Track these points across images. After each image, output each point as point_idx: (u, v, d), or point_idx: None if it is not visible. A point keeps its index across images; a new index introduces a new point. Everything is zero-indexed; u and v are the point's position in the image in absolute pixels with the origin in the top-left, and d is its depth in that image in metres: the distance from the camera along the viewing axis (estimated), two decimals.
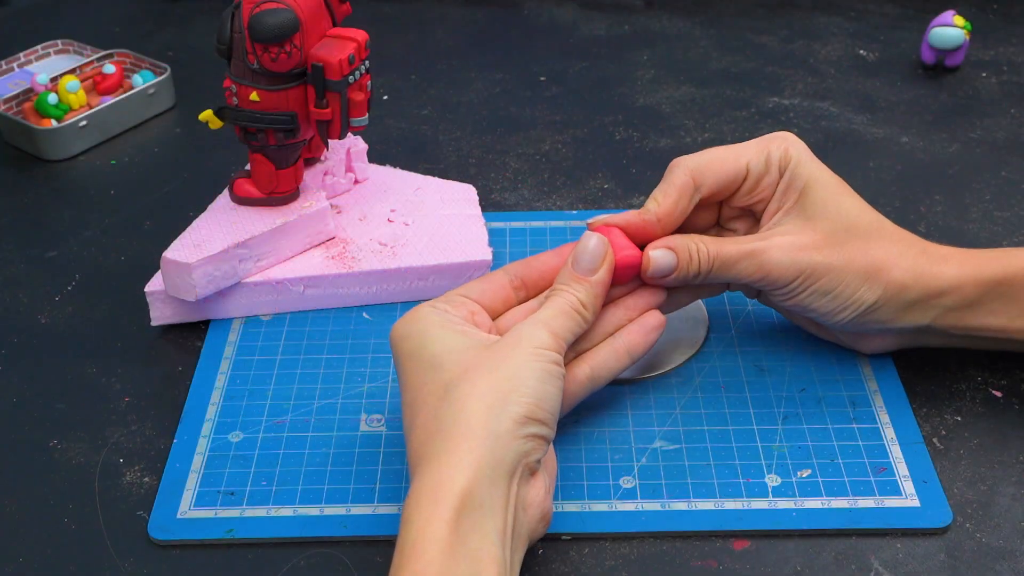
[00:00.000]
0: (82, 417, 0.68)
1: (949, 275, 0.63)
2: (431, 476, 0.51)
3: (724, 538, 0.60)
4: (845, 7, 1.11)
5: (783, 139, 0.64)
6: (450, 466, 0.51)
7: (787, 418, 0.66)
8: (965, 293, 0.63)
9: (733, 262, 0.63)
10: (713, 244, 0.63)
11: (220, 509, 0.61)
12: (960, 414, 0.66)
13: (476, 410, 0.53)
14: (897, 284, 0.62)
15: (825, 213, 0.63)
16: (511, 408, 0.53)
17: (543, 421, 0.54)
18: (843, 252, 0.62)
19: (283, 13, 0.67)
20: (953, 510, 0.61)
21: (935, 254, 0.64)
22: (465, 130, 0.93)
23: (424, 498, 0.51)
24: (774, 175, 0.64)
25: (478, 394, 0.54)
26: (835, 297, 0.63)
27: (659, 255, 0.63)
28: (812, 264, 0.62)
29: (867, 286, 0.62)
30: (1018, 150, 0.90)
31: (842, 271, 0.62)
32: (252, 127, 0.71)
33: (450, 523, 0.50)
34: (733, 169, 0.64)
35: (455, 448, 0.52)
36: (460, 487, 0.51)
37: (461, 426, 0.53)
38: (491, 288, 0.62)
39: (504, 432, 0.53)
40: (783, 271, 0.62)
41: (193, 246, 0.71)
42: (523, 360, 0.55)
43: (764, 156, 0.64)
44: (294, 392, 0.68)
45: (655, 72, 1.01)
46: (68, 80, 0.92)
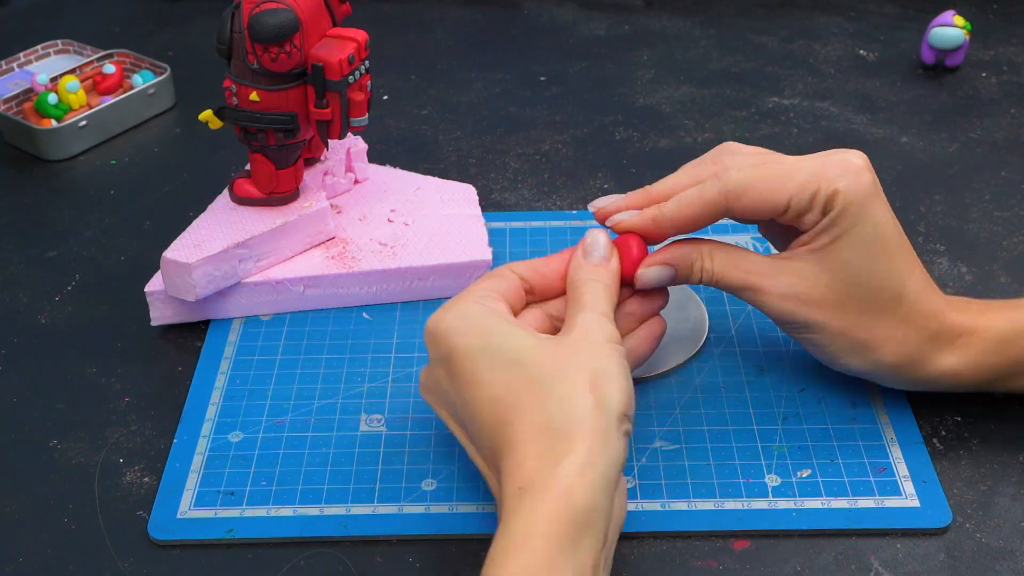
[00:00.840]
0: (82, 417, 0.68)
1: (948, 364, 0.61)
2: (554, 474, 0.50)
3: (724, 538, 0.60)
4: (845, 7, 1.11)
5: (841, 172, 0.59)
6: (575, 466, 0.50)
7: (787, 418, 0.66)
8: (963, 380, 0.62)
9: (733, 288, 0.61)
10: (720, 263, 0.61)
11: (220, 509, 0.61)
12: (960, 414, 0.66)
13: (587, 407, 0.52)
14: (888, 366, 0.61)
15: (847, 273, 0.59)
16: (611, 405, 0.52)
17: (631, 416, 0.54)
18: (844, 320, 0.60)
19: (283, 13, 0.67)
20: (953, 510, 0.61)
21: (944, 336, 0.61)
22: (465, 130, 0.93)
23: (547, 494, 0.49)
24: (816, 215, 0.59)
25: (582, 391, 0.53)
26: (821, 352, 0.62)
27: (651, 274, 0.61)
28: (808, 319, 0.60)
29: (857, 358, 0.61)
30: (1018, 150, 0.90)
31: (835, 337, 0.61)
32: (252, 127, 0.71)
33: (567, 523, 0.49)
34: (772, 201, 0.59)
35: (576, 448, 0.51)
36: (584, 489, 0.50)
37: (578, 424, 0.51)
38: (512, 288, 0.60)
39: (611, 429, 0.52)
40: (778, 315, 0.61)
41: (193, 246, 0.71)
42: (606, 354, 0.55)
43: (810, 195, 0.58)
44: (294, 392, 0.68)
45: (655, 72, 1.01)
46: (68, 80, 0.92)
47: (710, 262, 0.61)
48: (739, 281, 0.61)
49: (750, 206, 0.60)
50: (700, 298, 0.73)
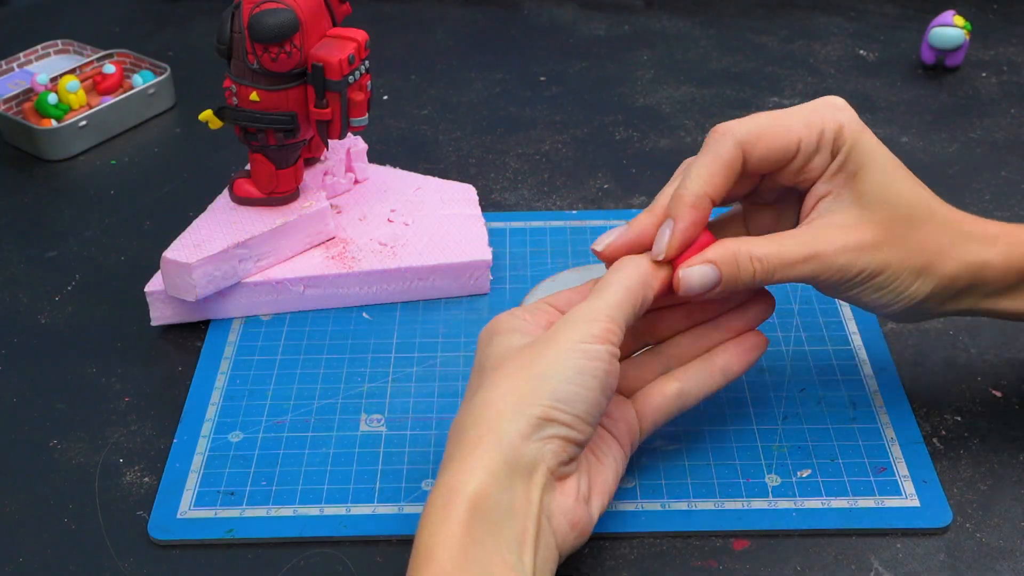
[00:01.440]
0: (82, 417, 0.68)
1: (996, 261, 0.59)
2: (445, 479, 0.51)
3: (724, 538, 0.60)
4: (845, 7, 1.11)
5: (835, 110, 0.58)
6: (463, 470, 0.50)
7: (787, 418, 0.66)
8: (1009, 279, 0.60)
9: (792, 265, 0.56)
10: (763, 246, 0.56)
11: (220, 509, 0.61)
12: (960, 414, 0.66)
13: (493, 411, 0.52)
14: (949, 276, 0.59)
15: (880, 201, 0.57)
16: (528, 409, 0.51)
17: (565, 423, 0.52)
18: (901, 248, 0.58)
19: (283, 13, 0.67)
20: (953, 510, 0.61)
21: (983, 236, 0.60)
22: (465, 130, 0.93)
23: (438, 501, 0.50)
24: (825, 156, 0.57)
25: (499, 396, 0.52)
26: (888, 292, 0.59)
27: (695, 274, 0.56)
28: (872, 264, 0.57)
29: (921, 281, 0.58)
30: (1018, 150, 0.90)
31: (899, 268, 0.58)
32: (252, 127, 0.71)
33: (462, 526, 0.49)
34: (783, 146, 0.57)
35: (470, 452, 0.51)
36: (472, 490, 0.49)
37: (479, 428, 0.51)
38: (579, 296, 0.58)
39: (517, 433, 0.51)
40: (843, 274, 0.57)
41: (193, 246, 0.71)
42: (555, 358, 0.52)
43: (816, 134, 0.57)
44: (294, 392, 0.68)
45: (655, 72, 1.01)
46: (68, 80, 0.92)
47: (754, 247, 0.56)
48: (797, 255, 0.56)
49: (765, 153, 0.57)
50: None
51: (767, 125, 0.57)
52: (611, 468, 0.57)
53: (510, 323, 0.56)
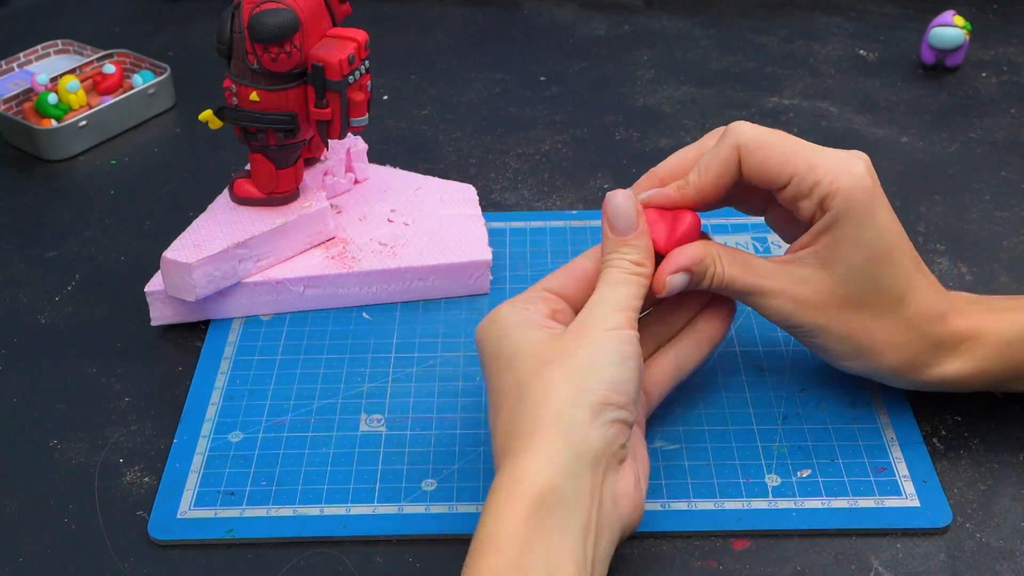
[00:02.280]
0: (82, 417, 0.68)
1: (952, 370, 0.61)
2: (509, 471, 0.51)
3: (724, 538, 0.60)
4: (845, 7, 1.11)
5: (839, 173, 0.58)
6: (528, 460, 0.51)
7: (787, 418, 0.66)
8: (966, 383, 0.62)
9: (740, 293, 0.60)
10: (729, 266, 0.60)
11: (220, 509, 0.61)
12: (960, 414, 0.66)
13: (551, 403, 0.52)
14: (889, 368, 0.61)
15: (849, 278, 0.59)
16: (587, 396, 0.52)
17: (622, 405, 0.53)
18: (846, 324, 0.60)
19: (283, 13, 0.67)
20: (953, 510, 0.61)
21: (947, 343, 0.61)
22: (465, 130, 0.93)
23: (502, 492, 0.50)
24: (813, 205, 0.58)
25: (552, 387, 0.53)
26: (826, 354, 0.62)
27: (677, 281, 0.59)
28: (811, 323, 0.60)
29: (859, 362, 0.61)
30: (1018, 150, 0.90)
31: (838, 341, 0.60)
32: (252, 127, 0.71)
33: (527, 518, 0.49)
34: (776, 172, 0.58)
35: (532, 443, 0.51)
36: (539, 481, 0.50)
37: (538, 420, 0.52)
38: (572, 279, 0.60)
39: (582, 422, 0.52)
40: (782, 319, 0.60)
41: (193, 246, 0.71)
42: (594, 345, 0.54)
43: (810, 183, 0.58)
44: (294, 392, 0.68)
45: (655, 72, 1.01)
46: (68, 80, 0.92)
47: (720, 267, 0.60)
48: (746, 285, 0.60)
49: (758, 165, 0.58)
50: None
51: (772, 142, 0.59)
52: (644, 448, 0.59)
53: (518, 316, 0.57)
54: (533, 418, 0.52)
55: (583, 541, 0.50)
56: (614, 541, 0.54)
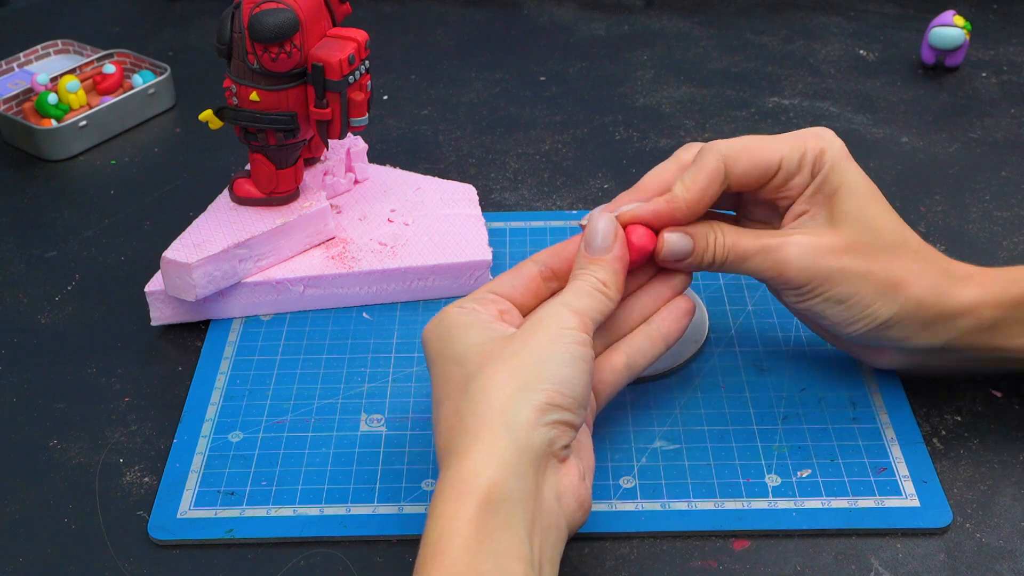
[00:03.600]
0: (82, 417, 0.68)
1: (969, 296, 0.61)
2: (454, 471, 0.51)
3: (724, 538, 0.60)
4: (845, 7, 1.11)
5: (819, 138, 0.61)
6: (472, 460, 0.50)
7: (787, 418, 0.66)
8: (984, 315, 0.61)
9: (749, 255, 0.61)
10: (731, 234, 0.61)
11: (220, 509, 0.61)
12: (960, 414, 0.66)
13: (496, 401, 0.52)
14: (915, 302, 0.60)
15: (851, 221, 0.60)
16: (531, 396, 0.52)
17: (566, 407, 0.53)
18: (863, 262, 0.60)
19: (283, 13, 0.67)
20: (953, 510, 0.61)
21: (957, 274, 0.62)
22: (465, 130, 0.93)
23: (448, 493, 0.50)
24: (805, 176, 0.61)
25: (498, 384, 0.52)
26: (849, 307, 0.60)
27: (675, 239, 0.60)
28: (829, 269, 0.60)
29: (883, 301, 0.60)
30: (1018, 150, 0.90)
31: (859, 281, 0.60)
32: (252, 127, 0.71)
33: (474, 519, 0.49)
34: (765, 162, 0.61)
35: (476, 442, 0.51)
36: (484, 481, 0.50)
37: (481, 418, 0.52)
38: (521, 282, 0.60)
39: (525, 421, 0.51)
40: (798, 272, 0.60)
41: (193, 246, 0.71)
42: (544, 344, 0.54)
43: (799, 155, 0.61)
44: (294, 392, 0.68)
45: (655, 72, 1.01)
46: (68, 80, 0.92)
47: (722, 234, 0.61)
48: (754, 246, 0.60)
49: (747, 168, 0.60)
50: (700, 298, 0.73)
51: (750, 143, 0.61)
52: (590, 446, 0.59)
53: (467, 317, 0.57)
54: (476, 416, 0.52)
55: (529, 540, 0.50)
56: (562, 539, 0.53)
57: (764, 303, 0.73)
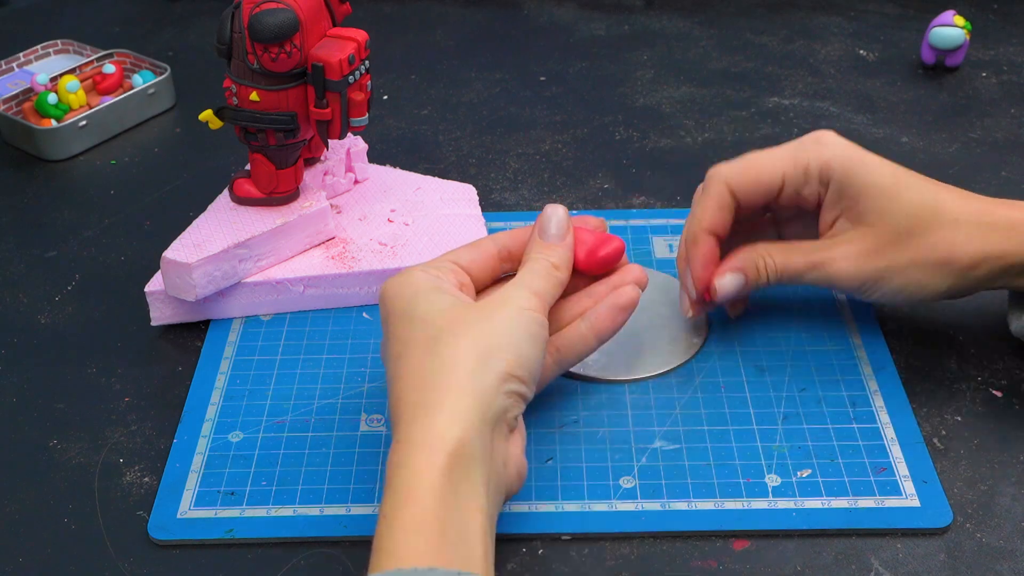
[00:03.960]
0: (82, 417, 0.68)
1: (1016, 245, 0.63)
2: (423, 425, 0.52)
3: (724, 538, 0.60)
4: (845, 7, 1.11)
5: (819, 146, 0.64)
6: (443, 416, 0.53)
7: (787, 418, 0.66)
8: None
9: (801, 273, 0.65)
10: (780, 255, 0.65)
11: (220, 509, 0.61)
12: (960, 414, 0.66)
13: (463, 363, 0.54)
14: (967, 266, 0.63)
15: (884, 216, 0.63)
16: (495, 363, 0.55)
17: (523, 379, 0.56)
18: (907, 252, 0.63)
19: (283, 13, 0.67)
20: (953, 510, 0.61)
21: (1003, 222, 0.63)
22: (465, 130, 0.93)
23: (418, 446, 0.52)
24: (814, 185, 0.65)
25: (464, 348, 0.55)
26: (908, 294, 0.64)
27: (726, 281, 0.66)
28: (878, 269, 0.64)
29: (938, 278, 0.63)
30: (1018, 150, 0.90)
31: (909, 270, 0.63)
32: (252, 127, 0.71)
33: (444, 472, 0.51)
34: (768, 181, 0.65)
35: (445, 399, 0.53)
36: (454, 437, 0.52)
37: (450, 378, 0.54)
38: (480, 257, 0.63)
39: (488, 386, 0.54)
40: (850, 279, 0.64)
41: (193, 246, 0.71)
42: (508, 318, 0.57)
43: (802, 167, 0.64)
44: (294, 392, 0.68)
45: (655, 72, 1.01)
46: (68, 80, 0.92)
47: (771, 258, 0.66)
48: (804, 264, 0.65)
49: (751, 187, 0.65)
50: None
51: (752, 163, 0.65)
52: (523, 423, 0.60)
53: (431, 281, 0.59)
54: (444, 375, 0.54)
55: (486, 495, 0.53)
56: (501, 501, 0.56)
57: (764, 303, 0.73)
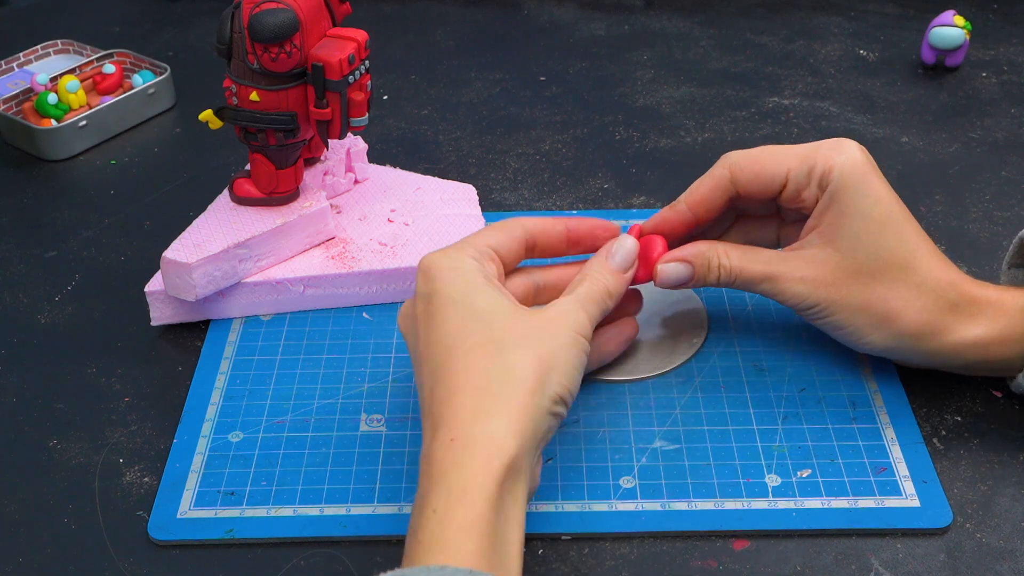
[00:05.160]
0: (82, 417, 0.68)
1: (974, 333, 0.62)
2: (484, 430, 0.53)
3: (724, 538, 0.60)
4: (845, 7, 1.11)
5: (832, 153, 0.62)
6: (503, 427, 0.53)
7: (787, 418, 0.66)
8: (991, 351, 0.62)
9: (754, 282, 0.64)
10: (738, 258, 0.64)
11: (220, 509, 0.61)
12: (960, 414, 0.66)
13: (527, 379, 0.54)
14: (910, 335, 0.62)
15: (857, 247, 0.61)
16: (552, 387, 0.55)
17: (567, 403, 0.56)
18: (861, 294, 0.62)
19: (283, 13, 0.67)
20: (953, 510, 0.61)
21: (966, 306, 0.62)
22: (465, 130, 0.93)
23: (478, 449, 0.52)
24: (814, 190, 0.63)
25: (529, 363, 0.55)
26: (847, 333, 0.63)
27: (669, 269, 0.64)
28: (827, 300, 0.62)
29: (878, 332, 0.62)
30: (1018, 150, 0.90)
31: (856, 313, 0.62)
32: (252, 127, 0.71)
33: (498, 481, 0.51)
34: (772, 173, 0.63)
35: (507, 411, 0.53)
36: (512, 450, 0.52)
37: (514, 393, 0.54)
38: (508, 241, 0.62)
39: (544, 408, 0.55)
40: (798, 301, 0.63)
41: (193, 246, 0.71)
42: (568, 343, 0.57)
43: (807, 168, 0.62)
44: (294, 392, 0.68)
45: (655, 72, 1.01)
46: (68, 80, 0.92)
47: (727, 259, 0.64)
48: (757, 273, 0.63)
49: (753, 179, 0.64)
50: (700, 298, 0.73)
51: (760, 154, 0.64)
52: None
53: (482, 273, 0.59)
54: (509, 388, 0.54)
55: (523, 508, 0.53)
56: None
57: (764, 303, 0.73)
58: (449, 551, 0.49)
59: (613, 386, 0.68)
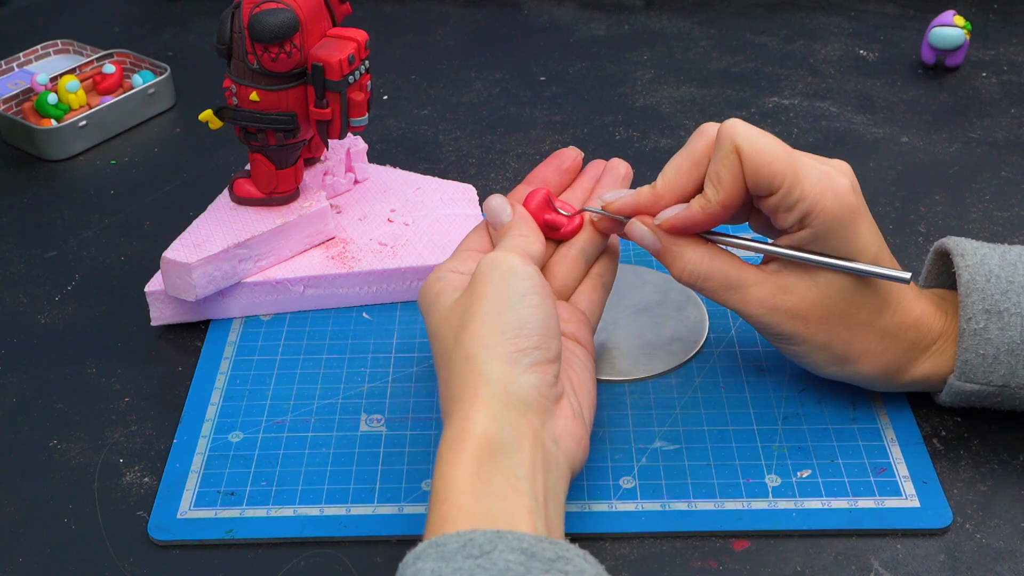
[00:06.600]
0: (82, 417, 0.68)
1: (925, 370, 0.63)
2: (453, 425, 0.53)
3: (724, 538, 0.60)
4: (845, 7, 1.11)
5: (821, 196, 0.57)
6: (464, 413, 0.53)
7: (787, 418, 0.66)
8: (934, 384, 0.63)
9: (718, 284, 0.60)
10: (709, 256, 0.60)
11: (220, 509, 0.61)
12: (960, 414, 0.66)
13: (473, 365, 0.54)
14: (867, 376, 0.63)
15: (831, 292, 0.60)
16: (499, 350, 0.54)
17: (535, 346, 0.55)
18: (825, 335, 0.61)
19: (283, 13, 0.67)
20: (953, 510, 0.61)
21: (923, 345, 0.62)
22: (465, 130, 0.93)
23: (446, 446, 0.53)
24: (793, 219, 0.58)
25: (470, 351, 0.55)
26: (803, 363, 0.63)
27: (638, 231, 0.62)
28: (792, 332, 0.60)
29: (837, 369, 0.62)
30: (1018, 150, 0.90)
31: (816, 350, 0.61)
32: (252, 127, 0.71)
33: (471, 468, 0.51)
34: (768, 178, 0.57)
35: (465, 400, 0.53)
36: (478, 433, 0.52)
37: (467, 379, 0.54)
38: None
39: (498, 376, 0.54)
40: (761, 324, 0.61)
41: (193, 246, 0.71)
42: (492, 294, 0.56)
43: (796, 196, 0.57)
44: (294, 392, 0.68)
45: (655, 72, 1.01)
46: (68, 80, 0.92)
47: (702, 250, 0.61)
48: (725, 278, 0.60)
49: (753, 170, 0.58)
50: (700, 299, 0.73)
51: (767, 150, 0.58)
52: (586, 371, 0.60)
53: (440, 283, 0.59)
54: (461, 382, 0.54)
55: (531, 480, 0.52)
56: (565, 477, 0.55)
57: None
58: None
59: (613, 386, 0.68)
